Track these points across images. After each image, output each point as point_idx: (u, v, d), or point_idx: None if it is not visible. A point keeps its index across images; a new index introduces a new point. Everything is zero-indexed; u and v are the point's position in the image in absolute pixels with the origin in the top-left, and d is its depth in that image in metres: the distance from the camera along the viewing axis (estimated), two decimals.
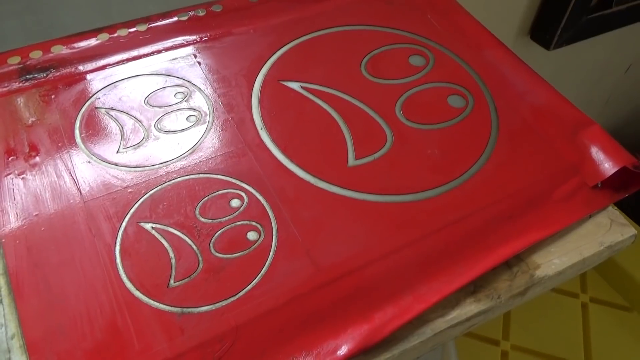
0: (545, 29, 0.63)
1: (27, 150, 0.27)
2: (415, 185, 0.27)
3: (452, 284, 0.23)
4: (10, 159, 0.26)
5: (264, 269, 0.23)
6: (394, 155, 0.28)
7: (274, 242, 0.24)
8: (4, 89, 0.29)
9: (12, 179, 0.25)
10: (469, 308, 0.23)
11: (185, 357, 0.20)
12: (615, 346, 0.67)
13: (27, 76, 0.30)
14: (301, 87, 0.31)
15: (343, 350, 0.21)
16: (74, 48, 0.31)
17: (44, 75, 0.30)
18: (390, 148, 0.28)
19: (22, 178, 0.25)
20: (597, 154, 0.28)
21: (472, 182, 0.27)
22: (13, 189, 0.25)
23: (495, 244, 0.25)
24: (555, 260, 0.25)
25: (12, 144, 0.27)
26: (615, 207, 0.27)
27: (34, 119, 0.28)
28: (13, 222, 0.24)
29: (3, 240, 0.23)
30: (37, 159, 0.26)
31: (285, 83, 0.31)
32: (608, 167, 0.27)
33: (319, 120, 0.29)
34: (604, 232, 0.26)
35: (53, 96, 0.29)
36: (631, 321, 0.69)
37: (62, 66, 0.31)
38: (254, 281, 0.23)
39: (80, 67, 0.31)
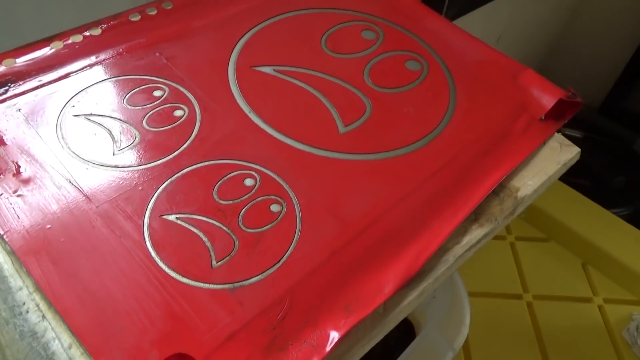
0: (434, 7, 0.70)
1: (13, 168, 0.25)
2: (403, 140, 0.30)
3: (458, 215, 0.26)
4: None
5: (296, 234, 0.24)
6: (377, 118, 0.31)
7: (297, 209, 0.25)
8: None
9: (8, 197, 0.24)
10: (476, 232, 0.26)
11: (252, 325, 0.21)
12: (542, 272, 0.77)
13: None
14: (274, 70, 0.33)
15: (388, 288, 0.23)
16: (29, 60, 0.29)
17: (4, 90, 0.28)
18: (371, 113, 0.31)
19: (19, 195, 0.24)
20: (536, 92, 0.33)
21: (448, 130, 0.31)
22: (13, 208, 0.23)
23: (481, 177, 0.28)
24: (529, 182, 0.29)
25: None
26: (559, 133, 0.32)
27: (7, 136, 0.26)
28: (26, 239, 0.22)
29: (22, 259, 0.22)
30: (28, 174, 0.25)
31: (258, 68, 0.32)
32: (547, 101, 0.33)
33: (300, 98, 0.31)
34: (557, 153, 0.31)
35: (21, 110, 0.27)
36: (550, 249, 0.80)
37: (20, 80, 0.29)
38: (292, 246, 0.24)
39: (42, 78, 0.29)
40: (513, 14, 0.99)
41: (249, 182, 0.26)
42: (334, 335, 0.21)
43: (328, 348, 0.20)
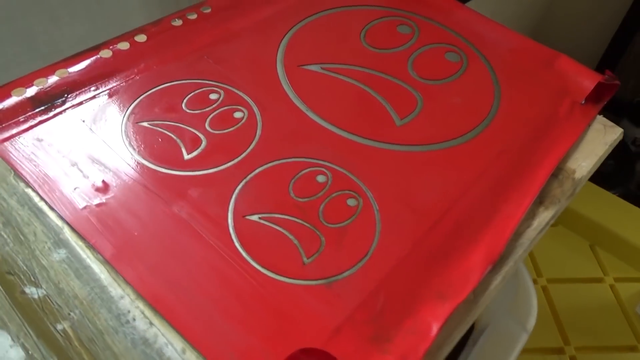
0: None
1: (88, 178, 0.24)
2: (458, 130, 0.30)
3: (526, 199, 0.27)
4: (75, 190, 0.24)
5: (377, 226, 0.25)
6: (429, 109, 0.31)
7: (373, 202, 0.26)
8: (25, 124, 0.26)
9: (89, 208, 0.23)
10: (544, 215, 0.27)
11: (353, 317, 0.21)
12: (553, 256, 0.79)
13: (42, 107, 0.27)
14: (321, 68, 0.33)
15: (475, 274, 0.24)
16: (81, 69, 0.29)
17: (62, 101, 0.28)
18: (423, 105, 0.31)
19: (99, 205, 0.24)
20: (574, 76, 0.34)
21: (498, 119, 0.31)
22: (97, 217, 0.23)
23: (538, 161, 0.29)
24: (583, 163, 0.30)
25: (67, 175, 0.24)
26: (601, 115, 0.34)
27: (77, 148, 0.26)
28: (117, 247, 0.22)
29: (117, 267, 0.21)
30: (104, 183, 0.24)
31: (306, 67, 0.33)
32: (587, 84, 0.34)
33: (352, 94, 0.31)
34: (602, 135, 0.32)
35: (85, 120, 0.27)
36: (559, 233, 0.82)
37: (76, 89, 0.28)
38: (376, 238, 0.24)
39: (98, 87, 0.29)
40: (495, 12, 1.02)
41: (321, 178, 0.26)
42: (435, 323, 0.21)
43: (432, 335, 0.21)
